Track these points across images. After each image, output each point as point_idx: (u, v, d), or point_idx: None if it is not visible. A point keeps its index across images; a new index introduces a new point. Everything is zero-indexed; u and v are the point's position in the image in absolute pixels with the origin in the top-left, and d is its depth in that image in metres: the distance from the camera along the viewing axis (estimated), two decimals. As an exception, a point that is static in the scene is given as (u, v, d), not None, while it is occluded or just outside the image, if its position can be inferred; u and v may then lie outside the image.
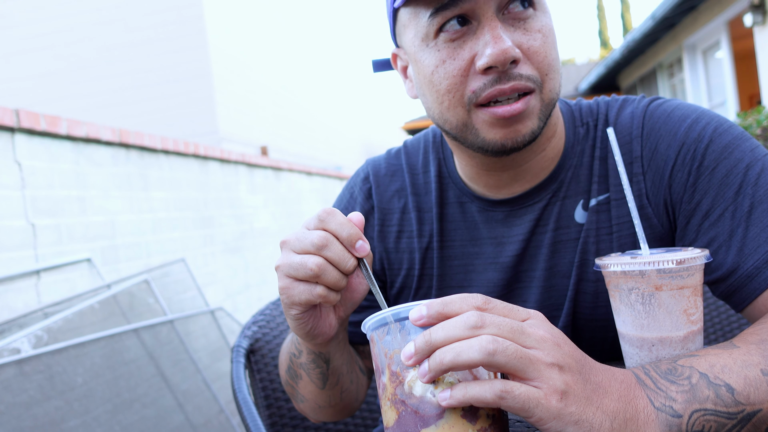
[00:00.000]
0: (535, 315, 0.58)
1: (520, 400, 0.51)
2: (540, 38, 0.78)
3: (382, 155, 1.05)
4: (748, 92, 10.92)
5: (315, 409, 0.93)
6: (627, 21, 31.45)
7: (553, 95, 0.81)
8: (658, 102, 0.88)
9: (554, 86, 0.80)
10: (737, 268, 0.75)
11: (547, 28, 0.79)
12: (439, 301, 0.55)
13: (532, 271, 0.90)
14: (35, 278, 2.56)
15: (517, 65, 0.77)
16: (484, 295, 0.56)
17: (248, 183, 5.02)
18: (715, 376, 0.59)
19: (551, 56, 0.79)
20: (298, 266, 0.68)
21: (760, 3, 7.13)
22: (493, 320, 0.53)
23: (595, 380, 0.56)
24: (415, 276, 0.96)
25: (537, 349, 0.53)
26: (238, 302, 4.50)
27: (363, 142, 14.16)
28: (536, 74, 0.78)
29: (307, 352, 0.83)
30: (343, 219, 0.69)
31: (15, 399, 2.13)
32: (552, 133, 0.88)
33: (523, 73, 0.77)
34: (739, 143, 0.79)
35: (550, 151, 0.89)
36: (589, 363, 0.57)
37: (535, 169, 0.89)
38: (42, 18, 7.54)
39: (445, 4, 0.76)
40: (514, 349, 0.51)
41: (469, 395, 0.52)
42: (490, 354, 0.51)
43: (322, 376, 0.86)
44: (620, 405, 0.55)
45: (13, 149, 2.52)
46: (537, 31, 0.78)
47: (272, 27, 9.41)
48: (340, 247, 0.68)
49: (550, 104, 0.81)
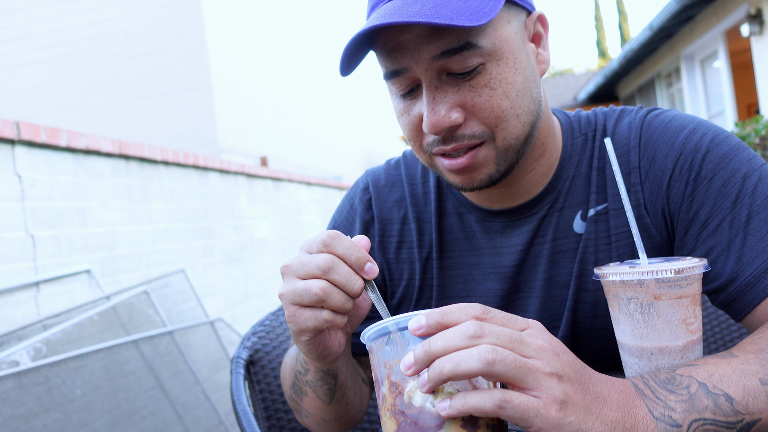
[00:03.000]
0: (534, 325, 0.58)
1: (519, 410, 0.51)
2: (487, 93, 0.75)
3: (382, 166, 1.05)
4: (746, 101, 10.97)
5: (320, 423, 0.92)
6: (625, 31, 31.62)
7: (510, 142, 0.79)
8: (655, 113, 0.88)
9: (510, 133, 0.78)
10: (736, 278, 0.75)
11: (498, 79, 0.75)
12: (438, 311, 0.55)
13: (531, 282, 0.90)
14: (34, 290, 2.56)
15: (460, 126, 0.77)
16: (483, 305, 0.56)
17: (248, 194, 5.03)
18: (713, 386, 0.59)
19: (502, 107, 0.76)
20: (302, 292, 0.66)
21: (756, 13, 7.18)
22: (492, 330, 0.53)
23: (594, 390, 0.56)
24: (415, 287, 0.96)
25: (536, 358, 0.53)
26: (237, 313, 4.49)
27: (363, 153, 14.19)
28: (484, 129, 0.77)
29: (315, 371, 0.82)
30: (350, 242, 0.68)
31: (14, 412, 2.11)
32: (540, 153, 0.88)
33: (467, 133, 0.77)
34: (736, 153, 0.79)
35: (540, 168, 0.89)
36: (588, 373, 0.57)
37: (528, 185, 0.89)
38: (43, 31, 7.58)
39: (390, 74, 0.78)
40: (513, 359, 0.51)
41: (469, 405, 0.52)
42: (490, 363, 0.51)
43: (329, 392, 0.86)
44: (619, 415, 0.55)
45: (13, 161, 2.53)
46: (484, 86, 0.75)
47: (272, 38, 9.45)
48: (347, 269, 0.66)
49: (510, 149, 0.80)
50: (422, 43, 0.73)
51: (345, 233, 1.01)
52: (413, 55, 0.74)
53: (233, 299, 4.47)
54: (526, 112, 0.78)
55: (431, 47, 0.73)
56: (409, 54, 0.74)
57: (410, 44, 0.74)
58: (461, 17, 0.69)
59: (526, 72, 0.78)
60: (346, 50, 0.74)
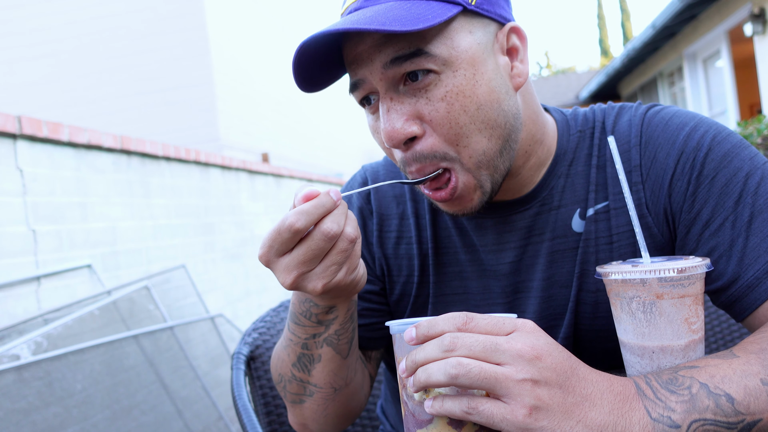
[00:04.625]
0: (523, 326, 0.59)
1: (484, 416, 0.55)
2: (443, 107, 0.72)
3: (380, 161, 1.04)
4: (748, 101, 10.94)
5: (326, 399, 0.87)
6: (627, 30, 31.57)
7: (478, 159, 0.76)
8: (655, 109, 0.87)
9: (475, 150, 0.75)
10: (738, 278, 0.75)
11: (455, 92, 0.72)
12: (426, 323, 0.60)
13: (530, 281, 0.89)
14: (35, 284, 2.56)
15: (420, 140, 0.75)
16: (468, 314, 0.59)
17: (249, 190, 5.03)
18: (715, 386, 0.59)
19: (460, 122, 0.73)
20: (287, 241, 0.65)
21: (760, 12, 7.17)
22: (466, 341, 0.57)
23: (582, 392, 0.57)
24: (414, 283, 0.95)
25: (509, 364, 0.56)
26: (238, 309, 4.49)
27: (363, 150, 14.18)
28: (445, 148, 0.75)
29: (343, 313, 0.80)
30: None
31: (14, 405, 2.12)
32: (525, 158, 0.85)
33: (426, 153, 0.75)
34: (738, 151, 0.78)
35: (527, 171, 0.87)
36: (578, 374, 0.58)
37: (517, 186, 0.88)
38: (45, 25, 7.58)
39: (351, 88, 0.78)
40: (477, 371, 0.55)
41: (444, 409, 0.58)
42: (453, 377, 0.55)
43: (350, 340, 0.84)
44: (611, 418, 0.56)
45: (15, 156, 2.53)
46: (440, 99, 0.72)
47: (274, 35, 9.44)
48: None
49: (484, 165, 0.77)
50: (374, 52, 0.73)
51: None
52: (368, 65, 0.74)
53: (234, 295, 4.47)
54: (492, 126, 0.75)
55: (382, 54, 0.73)
56: (363, 64, 0.75)
57: (364, 54, 0.74)
58: (398, 23, 0.68)
59: (492, 84, 0.75)
60: (295, 66, 0.75)
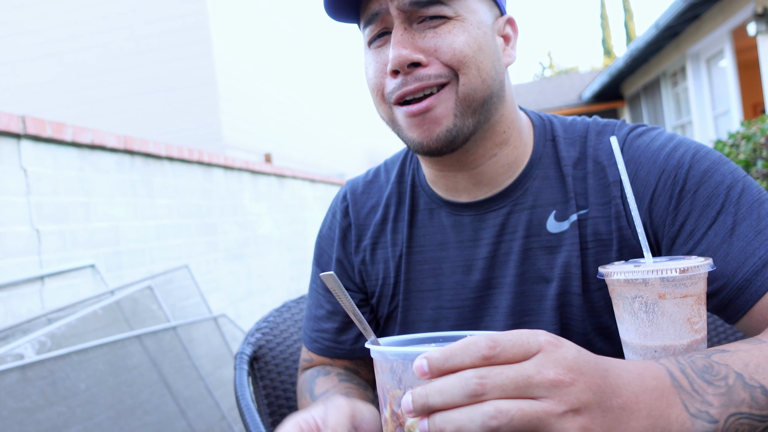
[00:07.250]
0: (546, 346, 0.53)
1: None
2: (450, 39, 0.81)
3: (362, 175, 1.11)
4: (752, 101, 10.92)
5: None
6: (630, 30, 31.50)
7: (469, 90, 0.82)
8: (638, 131, 0.90)
9: (470, 81, 0.82)
10: (727, 282, 0.76)
11: (462, 31, 0.82)
12: (441, 355, 0.52)
13: (502, 278, 0.92)
14: (39, 284, 2.57)
15: (424, 67, 0.81)
16: (489, 338, 0.52)
17: (252, 190, 5.03)
18: (750, 377, 0.58)
19: (464, 51, 0.81)
20: None
21: (763, 12, 7.14)
22: (496, 382, 0.50)
23: (618, 404, 0.53)
24: (390, 284, 1.00)
25: (547, 398, 0.50)
26: (241, 309, 4.50)
27: (366, 150, 14.18)
28: (447, 71, 0.82)
29: None
30: None
31: (18, 404, 2.13)
32: (501, 140, 0.90)
33: (431, 73, 0.81)
34: (718, 167, 0.81)
35: (503, 158, 0.91)
36: (610, 384, 0.54)
37: (491, 174, 0.91)
38: (48, 26, 7.59)
39: (368, 21, 0.85)
40: (519, 417, 0.49)
41: None
42: (494, 430, 0.48)
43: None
44: (650, 422, 0.53)
45: (18, 155, 2.54)
46: (448, 32, 0.81)
47: (277, 36, 9.45)
48: None
49: (469, 101, 0.82)
50: None
51: (329, 243, 1.07)
52: None
53: (237, 295, 4.48)
54: (487, 74, 0.83)
55: None
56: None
57: None
58: None
59: (490, 47, 0.84)
60: None
